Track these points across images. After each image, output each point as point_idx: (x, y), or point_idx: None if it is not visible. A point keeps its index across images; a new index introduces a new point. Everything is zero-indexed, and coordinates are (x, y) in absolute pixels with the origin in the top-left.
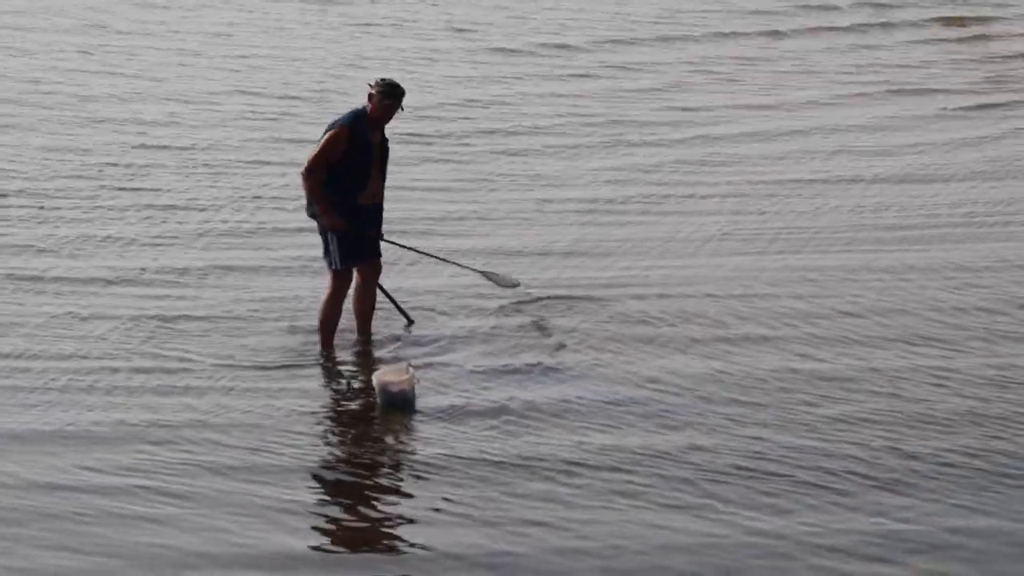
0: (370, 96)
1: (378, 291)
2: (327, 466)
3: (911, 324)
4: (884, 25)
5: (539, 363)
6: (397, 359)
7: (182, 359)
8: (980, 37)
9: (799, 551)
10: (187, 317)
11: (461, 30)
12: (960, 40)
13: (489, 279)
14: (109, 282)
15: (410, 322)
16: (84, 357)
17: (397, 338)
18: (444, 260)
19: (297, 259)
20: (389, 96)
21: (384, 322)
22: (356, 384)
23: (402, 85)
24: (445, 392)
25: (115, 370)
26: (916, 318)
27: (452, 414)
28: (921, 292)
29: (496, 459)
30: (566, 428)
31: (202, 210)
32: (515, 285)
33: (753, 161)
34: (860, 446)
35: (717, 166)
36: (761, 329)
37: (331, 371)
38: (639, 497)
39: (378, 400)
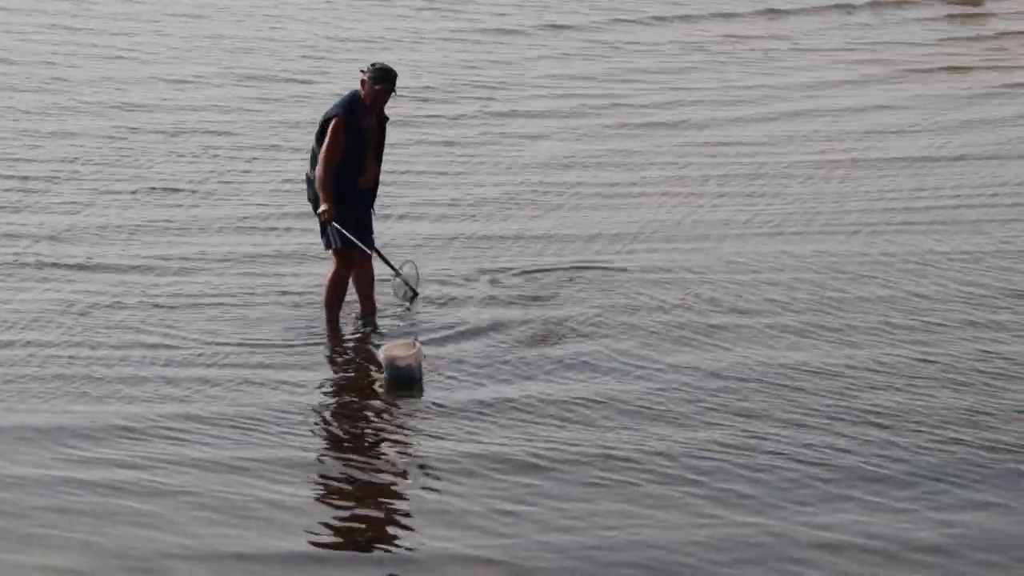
0: (362, 82)
1: (383, 264)
2: (319, 460)
3: (897, 312)
4: (876, 4)
5: (537, 353)
6: (403, 335)
7: (172, 346)
8: (975, 16)
9: (793, 546)
10: (179, 304)
11: (444, 11)
12: (954, 17)
13: (399, 277)
14: (98, 268)
15: (415, 294)
16: (68, 344)
17: (401, 315)
18: (375, 251)
19: (297, 244)
20: (380, 81)
21: (389, 297)
22: (359, 365)
23: (394, 69)
24: (441, 384)
25: (101, 359)
26: (903, 305)
27: (448, 407)
28: (914, 280)
29: (491, 453)
30: (562, 421)
31: (197, 195)
32: (412, 297)
33: (749, 144)
34: (851, 438)
35: (714, 146)
36: (763, 319)
37: (335, 352)
38: (633, 489)
39: (384, 374)
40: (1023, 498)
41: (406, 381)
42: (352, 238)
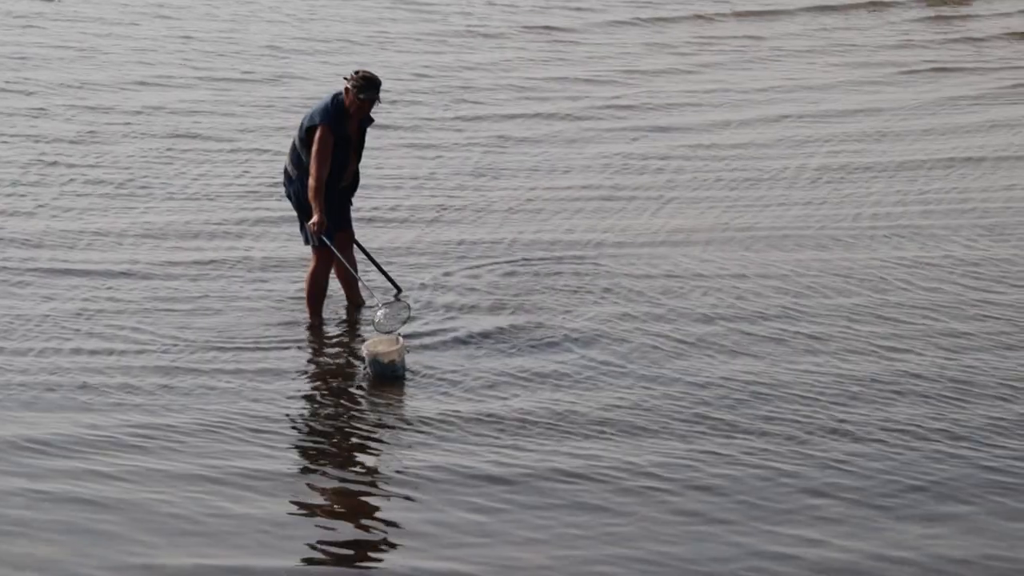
0: (346, 90)
1: (368, 260)
2: (288, 470)
3: (864, 319)
4: (854, 5)
5: (509, 362)
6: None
7: (139, 351)
8: (956, 17)
9: (761, 558)
10: (147, 308)
11: (413, 12)
12: (935, 19)
13: (381, 309)
14: (63, 273)
15: (398, 290)
16: (30, 351)
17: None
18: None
19: (264, 248)
20: (364, 91)
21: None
22: (334, 369)
23: (378, 76)
24: (413, 394)
25: (64, 366)
26: (870, 313)
27: (420, 417)
28: (880, 287)
29: (462, 464)
30: (534, 431)
31: (165, 198)
32: (389, 329)
33: (720, 147)
34: (820, 448)
35: (684, 148)
36: (733, 326)
37: (314, 352)
38: (603, 500)
39: (368, 370)
40: (993, 508)
41: (389, 376)
42: (343, 260)
